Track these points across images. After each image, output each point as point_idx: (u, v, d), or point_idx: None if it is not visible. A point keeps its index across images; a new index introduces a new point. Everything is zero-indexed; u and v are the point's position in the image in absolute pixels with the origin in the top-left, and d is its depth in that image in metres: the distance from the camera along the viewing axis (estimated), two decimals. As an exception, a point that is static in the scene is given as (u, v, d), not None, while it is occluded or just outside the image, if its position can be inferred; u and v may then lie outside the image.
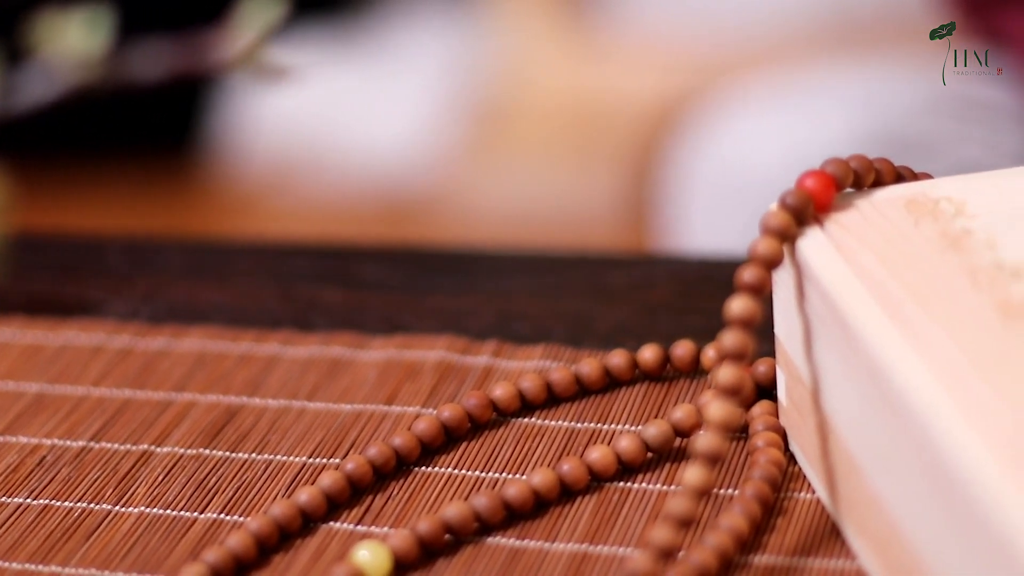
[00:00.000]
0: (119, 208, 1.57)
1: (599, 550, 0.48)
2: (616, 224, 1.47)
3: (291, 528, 0.50)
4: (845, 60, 1.28)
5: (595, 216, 1.49)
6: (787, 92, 1.19)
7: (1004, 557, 0.38)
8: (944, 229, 0.47)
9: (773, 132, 1.12)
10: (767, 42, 1.41)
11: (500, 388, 0.54)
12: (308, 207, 1.53)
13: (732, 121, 1.16)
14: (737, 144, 1.12)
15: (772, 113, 1.15)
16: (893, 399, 0.42)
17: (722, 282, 0.51)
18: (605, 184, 1.49)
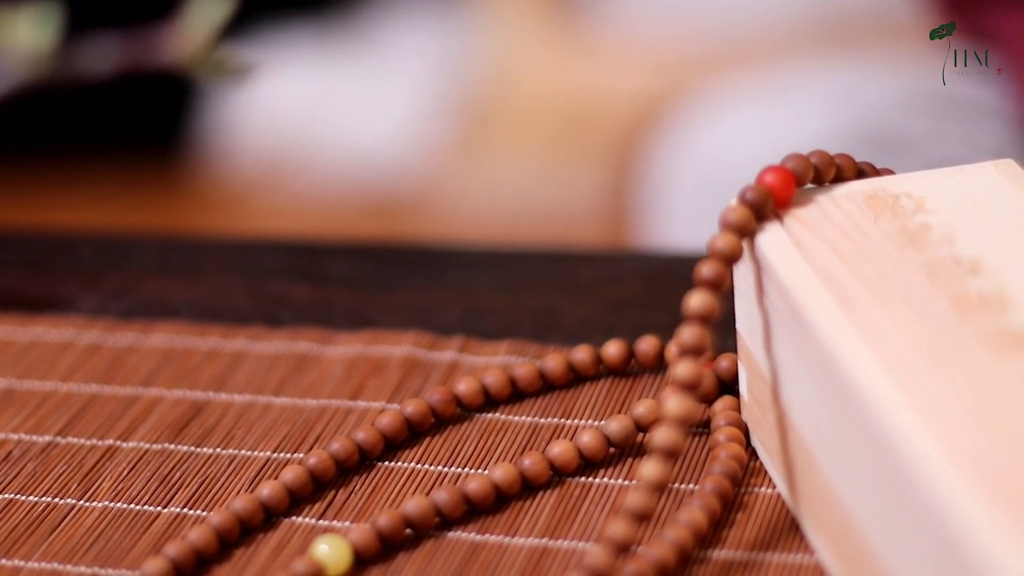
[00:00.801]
0: (106, 205, 1.56)
1: (559, 544, 0.48)
2: (602, 221, 1.47)
3: (253, 522, 0.50)
4: (826, 58, 1.28)
5: (581, 213, 1.48)
6: (768, 90, 1.19)
7: (952, 549, 0.37)
8: (903, 225, 0.47)
9: (754, 129, 1.12)
10: (750, 40, 1.40)
11: (464, 383, 0.54)
12: (295, 205, 1.53)
13: (713, 119, 1.16)
14: (718, 142, 1.12)
15: (753, 111, 1.15)
16: (846, 393, 0.42)
17: (689, 278, 0.51)
18: (591, 181, 1.49)
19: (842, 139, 1.06)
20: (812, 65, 1.23)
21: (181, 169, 1.59)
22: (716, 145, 1.11)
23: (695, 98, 1.25)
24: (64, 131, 1.61)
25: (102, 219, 1.50)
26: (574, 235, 1.46)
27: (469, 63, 1.53)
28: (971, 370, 0.41)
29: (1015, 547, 0.36)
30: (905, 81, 1.13)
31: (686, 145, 1.15)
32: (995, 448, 0.39)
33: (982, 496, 0.37)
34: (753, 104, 1.16)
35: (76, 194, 1.59)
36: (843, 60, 1.23)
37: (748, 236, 0.48)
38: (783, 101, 1.15)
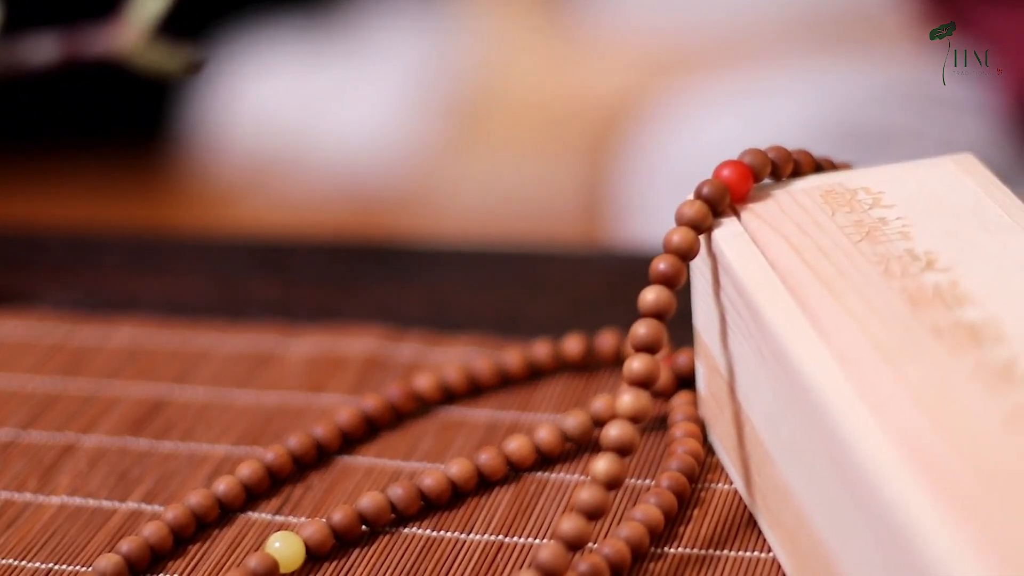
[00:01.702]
0: (91, 200, 1.56)
1: (514, 541, 0.47)
2: (587, 219, 1.46)
3: (208, 518, 0.49)
4: (806, 56, 1.27)
5: (567, 211, 1.48)
6: (747, 88, 1.18)
7: (900, 546, 0.37)
8: (860, 219, 0.46)
9: (733, 127, 1.11)
10: (734, 38, 1.40)
11: (423, 378, 0.53)
12: (282, 202, 1.52)
13: (693, 117, 1.16)
14: (697, 139, 1.11)
15: (732, 108, 1.14)
16: (799, 388, 0.41)
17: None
18: (577, 179, 1.48)
19: (821, 135, 1.05)
20: (792, 63, 1.23)
21: (166, 166, 1.58)
22: (696, 143, 1.10)
23: (676, 96, 1.24)
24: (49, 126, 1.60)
25: (87, 215, 1.49)
26: (559, 232, 1.45)
27: (455, 61, 1.52)
28: (924, 364, 0.40)
29: (961, 544, 0.35)
30: (884, 78, 1.12)
31: (667, 143, 1.14)
32: (944, 444, 0.38)
33: (930, 492, 0.37)
34: (732, 102, 1.16)
35: (62, 190, 1.58)
36: (823, 57, 1.23)
37: (704, 231, 0.47)
38: (762, 98, 1.14)
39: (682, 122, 1.16)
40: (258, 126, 1.52)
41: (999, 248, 0.45)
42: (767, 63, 1.27)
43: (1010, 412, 0.39)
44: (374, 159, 1.50)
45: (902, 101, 1.09)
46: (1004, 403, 0.39)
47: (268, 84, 1.52)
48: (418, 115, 1.51)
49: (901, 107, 1.08)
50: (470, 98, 1.52)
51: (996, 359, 0.40)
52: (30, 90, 1.36)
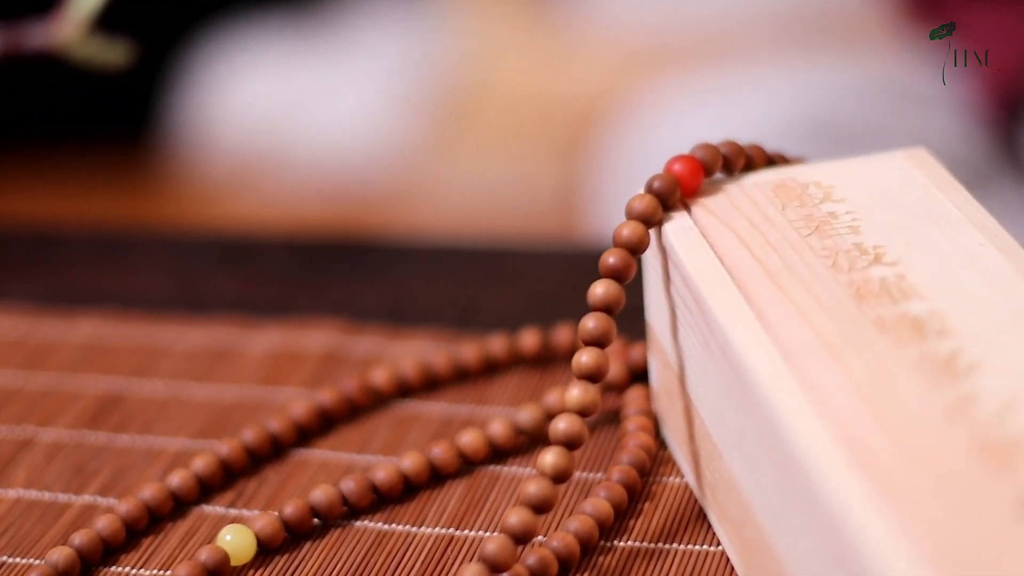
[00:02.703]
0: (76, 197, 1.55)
1: (464, 534, 0.47)
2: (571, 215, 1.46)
3: (162, 511, 0.48)
4: (784, 53, 1.26)
5: (551, 207, 1.47)
6: (726, 85, 1.18)
7: (839, 540, 0.36)
8: (810, 213, 0.46)
9: (711, 123, 1.11)
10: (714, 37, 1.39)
11: (379, 372, 0.53)
12: (267, 199, 1.52)
13: (672, 113, 1.16)
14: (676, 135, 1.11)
15: (710, 105, 1.14)
16: (743, 381, 0.41)
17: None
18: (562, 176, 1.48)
19: (795, 132, 1.05)
20: (770, 60, 1.23)
21: (152, 164, 1.58)
22: (673, 139, 1.10)
23: (657, 93, 1.24)
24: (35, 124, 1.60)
25: (73, 211, 1.49)
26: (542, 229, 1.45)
27: (440, 59, 1.52)
28: (867, 357, 0.40)
29: (896, 537, 0.35)
30: (859, 75, 1.12)
31: (645, 139, 1.14)
32: (883, 436, 0.38)
33: (867, 485, 0.36)
34: (710, 98, 1.15)
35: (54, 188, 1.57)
36: (801, 55, 1.22)
37: (655, 225, 0.46)
38: (739, 95, 1.14)
39: (660, 118, 1.16)
40: (243, 124, 1.51)
41: (948, 243, 0.45)
42: (746, 60, 1.26)
43: (950, 405, 0.38)
44: (359, 157, 1.50)
45: (876, 98, 1.09)
46: (945, 396, 0.39)
47: (253, 82, 1.52)
48: (403, 113, 1.50)
49: (875, 104, 1.08)
50: (454, 96, 1.52)
51: (939, 352, 0.40)
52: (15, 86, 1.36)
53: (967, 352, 0.40)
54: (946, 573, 0.34)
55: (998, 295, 0.42)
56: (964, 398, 0.38)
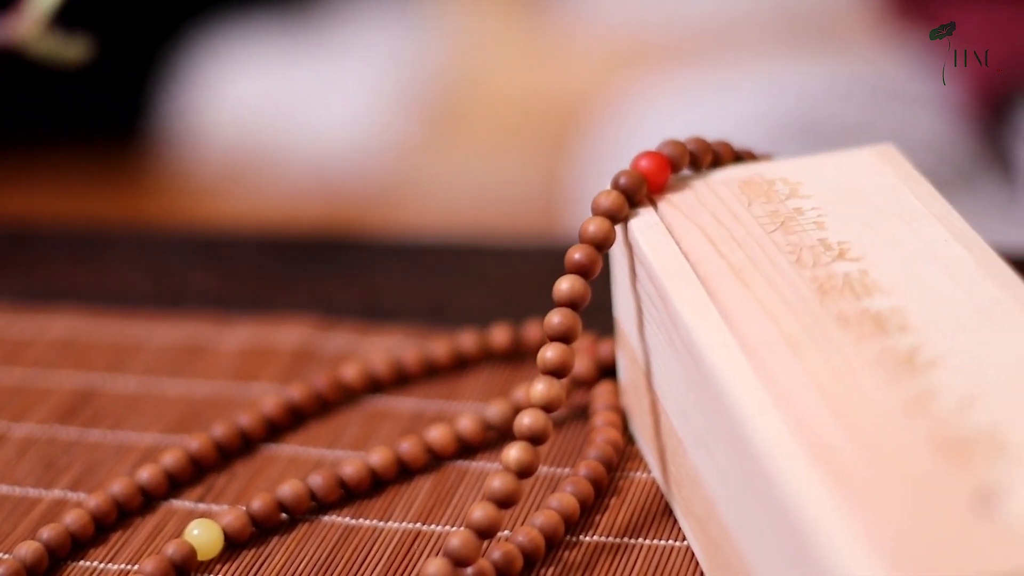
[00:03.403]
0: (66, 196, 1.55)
1: (431, 528, 0.47)
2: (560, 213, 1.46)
3: (131, 506, 0.48)
4: (770, 52, 1.26)
5: (541, 205, 1.47)
6: (711, 83, 1.18)
7: (796, 533, 0.36)
8: (776, 209, 0.46)
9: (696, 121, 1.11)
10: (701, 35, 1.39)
11: (350, 368, 0.53)
12: (257, 198, 1.52)
13: (658, 111, 1.15)
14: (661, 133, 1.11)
15: (696, 103, 1.14)
16: (705, 377, 0.41)
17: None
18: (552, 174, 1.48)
19: (778, 130, 1.05)
20: (756, 58, 1.22)
21: (143, 162, 1.58)
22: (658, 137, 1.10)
23: (645, 91, 1.24)
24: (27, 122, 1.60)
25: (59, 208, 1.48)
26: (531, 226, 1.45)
27: (430, 58, 1.52)
28: (828, 353, 0.40)
29: (852, 531, 0.35)
30: (843, 73, 1.12)
31: (630, 137, 1.14)
32: (842, 431, 0.37)
33: (825, 479, 0.36)
34: (695, 97, 1.15)
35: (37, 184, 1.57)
36: (786, 53, 1.22)
37: (621, 221, 0.46)
38: (724, 93, 1.14)
39: (648, 116, 1.16)
40: (234, 122, 1.51)
41: (912, 238, 0.44)
42: (733, 58, 1.26)
43: (910, 399, 0.38)
44: (349, 155, 1.50)
45: (862, 96, 1.08)
46: (904, 391, 0.39)
47: (244, 80, 1.51)
48: (393, 111, 1.50)
49: (860, 102, 1.08)
50: (445, 94, 1.52)
51: (900, 347, 0.40)
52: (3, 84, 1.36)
53: (928, 348, 0.40)
54: (901, 568, 0.34)
55: (961, 291, 0.42)
56: (923, 393, 0.38)
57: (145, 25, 1.56)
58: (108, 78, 1.56)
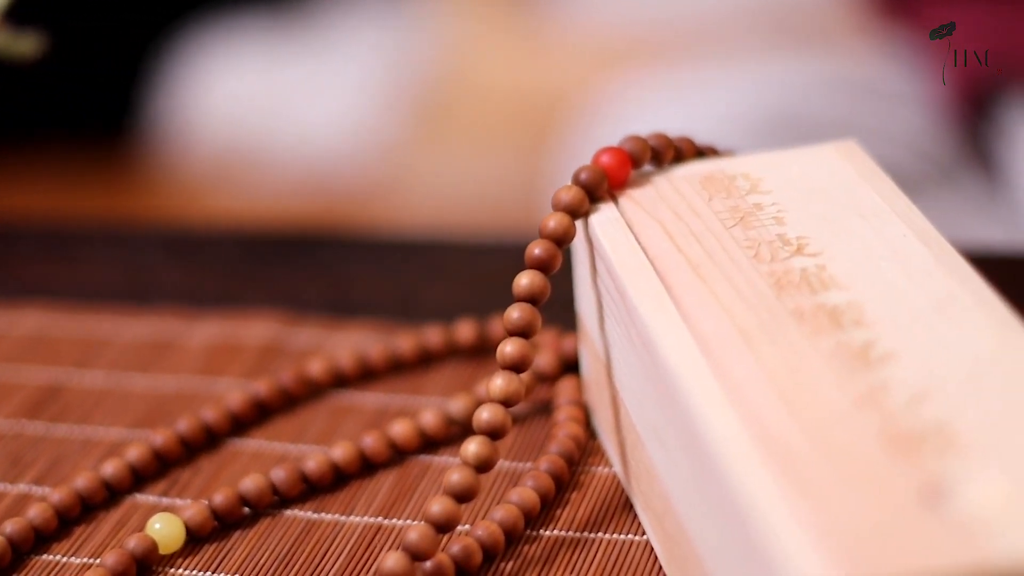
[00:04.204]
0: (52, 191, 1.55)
1: (393, 523, 0.47)
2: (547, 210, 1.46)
3: (95, 500, 0.48)
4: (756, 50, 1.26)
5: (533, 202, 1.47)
6: (696, 80, 1.18)
7: (745, 526, 0.36)
8: (736, 204, 0.46)
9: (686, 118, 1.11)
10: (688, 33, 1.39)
11: (315, 363, 0.53)
12: (248, 195, 1.52)
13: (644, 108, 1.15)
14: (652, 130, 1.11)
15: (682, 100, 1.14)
16: (661, 371, 0.41)
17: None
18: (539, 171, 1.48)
19: (760, 127, 1.05)
20: (741, 56, 1.22)
21: (133, 160, 1.58)
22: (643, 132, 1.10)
23: (632, 88, 1.24)
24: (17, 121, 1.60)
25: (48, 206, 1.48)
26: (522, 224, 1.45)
27: (420, 56, 1.52)
28: (783, 347, 0.40)
29: (800, 525, 0.35)
30: (826, 71, 1.12)
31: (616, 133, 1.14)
32: (794, 425, 0.37)
33: (775, 473, 0.36)
34: (681, 93, 1.15)
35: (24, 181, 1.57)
36: (770, 51, 1.22)
37: (581, 216, 0.46)
38: (712, 91, 1.14)
39: (635, 113, 1.16)
40: (224, 121, 1.51)
41: (871, 234, 0.44)
42: (719, 56, 1.26)
43: (862, 394, 0.38)
44: (338, 153, 1.50)
45: (845, 94, 1.08)
46: (857, 385, 0.39)
47: (234, 79, 1.51)
48: (382, 109, 1.50)
49: (843, 100, 1.08)
50: (433, 92, 1.52)
51: (854, 342, 0.40)
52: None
53: (882, 342, 0.40)
54: (847, 562, 0.34)
55: (917, 287, 0.42)
56: (875, 388, 0.38)
57: (135, 23, 1.56)
58: (98, 76, 1.56)
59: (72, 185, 1.58)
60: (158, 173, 1.56)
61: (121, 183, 1.58)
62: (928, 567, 0.34)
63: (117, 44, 1.56)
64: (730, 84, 1.12)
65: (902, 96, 1.08)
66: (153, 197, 1.55)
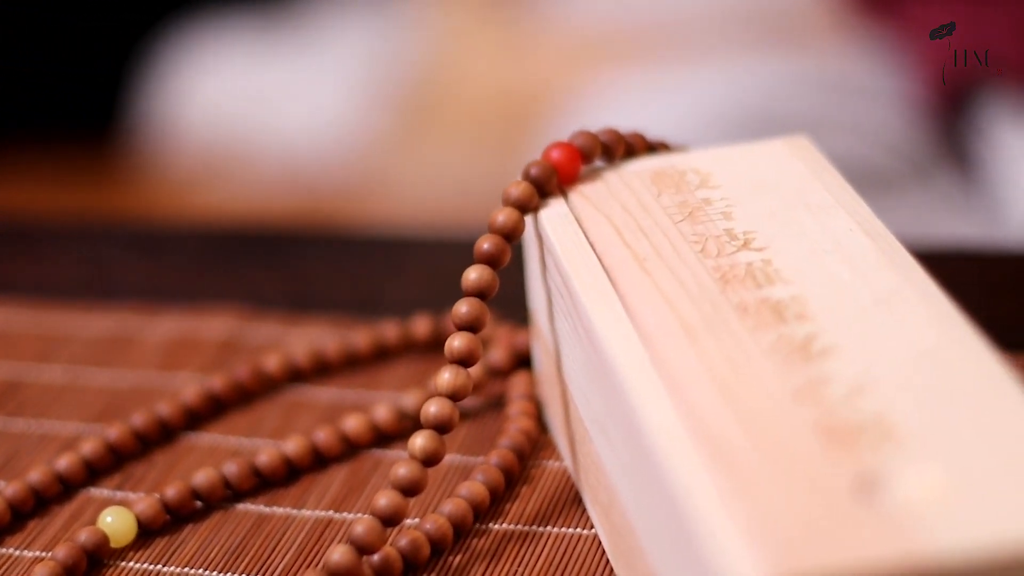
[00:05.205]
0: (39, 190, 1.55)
1: (343, 516, 0.47)
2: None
3: (48, 494, 0.48)
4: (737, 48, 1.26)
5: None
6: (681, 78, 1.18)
7: (681, 518, 0.36)
8: (685, 199, 0.46)
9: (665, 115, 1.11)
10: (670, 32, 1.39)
11: (271, 358, 0.53)
12: (234, 194, 1.52)
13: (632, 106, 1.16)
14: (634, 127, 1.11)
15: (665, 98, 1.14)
16: (604, 365, 0.41)
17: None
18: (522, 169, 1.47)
19: (740, 124, 1.05)
20: (720, 54, 1.22)
21: (118, 159, 1.58)
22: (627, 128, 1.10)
23: (617, 87, 1.24)
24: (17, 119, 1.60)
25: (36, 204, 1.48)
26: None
27: (405, 55, 1.52)
28: (725, 342, 0.40)
29: (736, 522, 0.35)
30: (803, 69, 1.12)
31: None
32: (732, 418, 0.37)
33: (711, 466, 0.36)
34: (665, 91, 1.15)
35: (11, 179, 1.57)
36: (749, 49, 1.22)
37: (531, 211, 0.46)
38: (691, 88, 1.14)
39: (619, 111, 1.16)
40: (210, 119, 1.51)
41: (818, 228, 0.44)
42: (697, 54, 1.26)
43: (801, 386, 0.38)
44: (323, 150, 1.50)
45: (820, 91, 1.09)
46: (797, 378, 0.39)
47: (220, 77, 1.51)
48: (367, 107, 1.50)
49: (820, 97, 1.08)
50: (418, 90, 1.52)
51: (796, 336, 0.40)
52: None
53: (823, 336, 0.40)
54: (778, 554, 0.34)
55: (861, 281, 0.42)
56: (815, 381, 0.38)
57: (121, 21, 1.56)
58: (85, 75, 1.56)
59: (56, 183, 1.58)
60: (144, 171, 1.56)
61: (107, 181, 1.57)
62: (858, 559, 0.34)
63: (103, 42, 1.56)
64: (708, 82, 1.12)
65: (878, 93, 1.08)
66: (138, 195, 1.55)
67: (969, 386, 0.38)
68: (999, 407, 0.37)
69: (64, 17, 1.55)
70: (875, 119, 1.06)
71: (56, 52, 1.58)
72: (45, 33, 1.57)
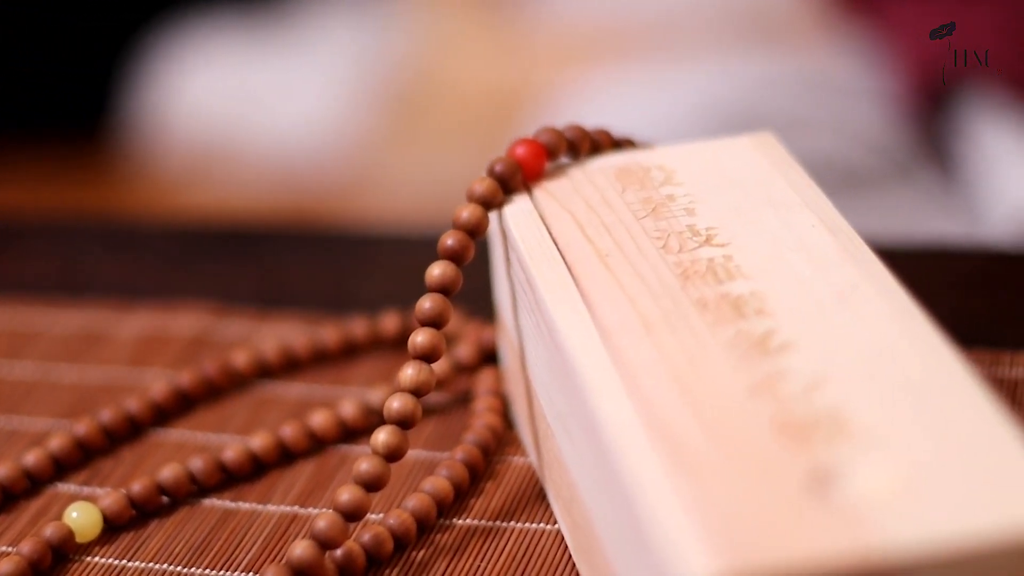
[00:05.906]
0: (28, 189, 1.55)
1: (309, 511, 0.47)
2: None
3: (15, 489, 0.48)
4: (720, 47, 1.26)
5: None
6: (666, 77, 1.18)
7: (637, 519, 0.36)
8: (649, 196, 0.46)
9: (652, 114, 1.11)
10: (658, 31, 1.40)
11: (239, 355, 0.52)
12: (222, 192, 1.51)
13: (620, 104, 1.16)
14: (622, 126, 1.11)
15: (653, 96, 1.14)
16: (563, 360, 0.41)
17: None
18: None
19: (725, 123, 1.05)
20: (705, 53, 1.22)
21: (108, 157, 1.58)
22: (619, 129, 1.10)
23: (605, 85, 1.24)
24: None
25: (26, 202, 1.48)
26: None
27: (393, 54, 1.52)
28: (684, 337, 0.40)
29: (689, 518, 0.35)
30: (787, 68, 1.12)
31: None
32: (688, 413, 0.37)
33: (668, 465, 0.36)
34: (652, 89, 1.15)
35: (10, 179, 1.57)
36: (733, 48, 1.22)
37: (496, 208, 0.46)
38: (672, 87, 1.14)
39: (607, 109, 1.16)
40: (199, 118, 1.51)
41: (780, 225, 0.44)
42: (682, 54, 1.26)
43: (757, 381, 0.38)
44: (312, 150, 1.50)
45: (804, 90, 1.08)
46: (754, 373, 0.39)
47: (209, 76, 1.51)
48: (356, 106, 1.50)
49: (802, 96, 1.08)
50: (407, 90, 1.52)
51: (754, 331, 0.40)
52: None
53: (782, 332, 0.40)
54: (731, 549, 0.34)
55: (821, 276, 0.42)
56: (772, 376, 0.38)
57: (110, 21, 1.56)
58: (74, 74, 1.56)
59: (44, 182, 1.57)
60: (133, 170, 1.56)
61: (95, 180, 1.57)
62: (811, 555, 0.34)
63: (92, 41, 1.56)
64: (691, 81, 1.12)
65: (860, 92, 1.08)
66: (129, 194, 1.55)
67: (925, 382, 0.38)
68: (954, 403, 0.37)
69: (53, 16, 1.55)
70: (856, 118, 1.06)
71: (45, 51, 1.58)
72: (34, 32, 1.57)
